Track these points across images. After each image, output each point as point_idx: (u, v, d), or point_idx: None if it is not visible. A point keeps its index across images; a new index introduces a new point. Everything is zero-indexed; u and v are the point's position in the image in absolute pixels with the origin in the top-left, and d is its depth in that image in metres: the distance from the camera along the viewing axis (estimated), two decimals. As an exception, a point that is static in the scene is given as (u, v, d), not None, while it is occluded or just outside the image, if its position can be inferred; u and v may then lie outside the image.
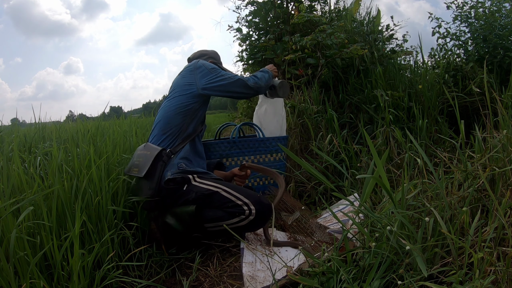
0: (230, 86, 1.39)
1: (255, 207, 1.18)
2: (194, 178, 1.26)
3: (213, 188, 1.22)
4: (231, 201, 1.19)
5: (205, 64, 1.41)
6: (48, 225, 0.90)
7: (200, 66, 1.41)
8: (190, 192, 1.22)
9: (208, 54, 1.63)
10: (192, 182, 1.25)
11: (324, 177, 0.94)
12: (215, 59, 1.61)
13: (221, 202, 1.20)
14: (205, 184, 1.24)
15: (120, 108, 3.77)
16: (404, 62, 2.53)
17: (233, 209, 1.18)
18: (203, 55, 1.62)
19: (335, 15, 2.63)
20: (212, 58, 1.60)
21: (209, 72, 1.39)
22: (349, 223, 1.15)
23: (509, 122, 1.17)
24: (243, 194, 1.21)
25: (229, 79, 1.39)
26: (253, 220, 1.18)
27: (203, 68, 1.40)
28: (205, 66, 1.41)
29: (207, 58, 1.57)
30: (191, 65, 1.43)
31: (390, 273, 0.78)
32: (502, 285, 0.70)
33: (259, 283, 1.00)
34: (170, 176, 1.23)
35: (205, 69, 1.40)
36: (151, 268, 1.15)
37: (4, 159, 1.07)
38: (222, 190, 1.22)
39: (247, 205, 1.19)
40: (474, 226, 0.80)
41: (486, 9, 2.47)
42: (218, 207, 1.20)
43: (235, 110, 3.28)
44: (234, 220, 1.17)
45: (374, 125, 1.86)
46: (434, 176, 0.94)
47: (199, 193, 1.22)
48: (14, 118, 2.11)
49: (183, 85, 1.40)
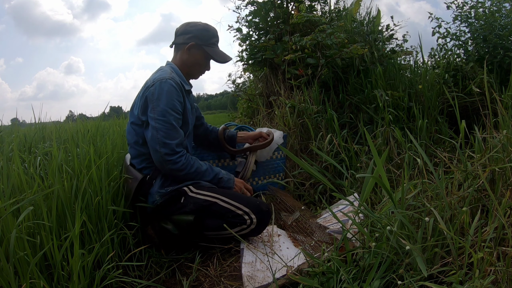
0: (152, 140, 1.17)
1: (256, 216, 1.17)
2: (190, 190, 1.23)
3: (210, 199, 1.20)
4: (231, 211, 1.18)
5: (158, 94, 1.17)
6: (48, 225, 0.90)
7: (150, 95, 1.18)
8: (188, 204, 1.21)
9: (192, 33, 1.31)
10: (189, 194, 1.23)
11: (324, 177, 0.94)
12: (202, 40, 1.32)
13: (221, 213, 1.18)
14: (202, 195, 1.21)
15: (120, 108, 3.76)
16: (404, 62, 2.53)
17: (234, 219, 1.17)
18: (187, 32, 1.32)
19: (335, 15, 2.63)
20: (196, 38, 1.31)
21: (152, 107, 1.17)
22: (349, 223, 1.15)
23: (509, 122, 1.17)
24: (242, 202, 1.19)
25: (160, 132, 1.15)
26: (254, 228, 1.18)
27: (150, 98, 1.18)
28: (154, 97, 1.17)
29: (189, 38, 1.31)
30: (148, 88, 1.21)
31: (390, 273, 0.78)
32: (502, 285, 0.70)
33: (257, 282, 1.00)
34: (160, 200, 1.22)
35: (152, 100, 1.18)
36: (151, 268, 1.15)
37: (4, 159, 1.07)
38: (220, 200, 1.20)
39: (248, 214, 1.17)
40: (474, 226, 0.80)
41: (486, 9, 2.47)
42: (218, 217, 1.18)
43: (235, 110, 3.27)
44: (235, 230, 1.15)
45: (374, 125, 1.86)
46: (434, 176, 0.94)
47: (197, 204, 1.20)
48: (14, 118, 2.11)
49: (138, 116, 1.23)
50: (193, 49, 1.32)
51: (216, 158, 1.68)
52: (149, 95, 1.19)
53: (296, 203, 1.51)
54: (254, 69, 2.77)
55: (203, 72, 1.41)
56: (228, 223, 1.11)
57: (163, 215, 1.22)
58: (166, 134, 1.16)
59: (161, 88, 1.18)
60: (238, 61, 2.51)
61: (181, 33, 1.34)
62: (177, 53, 1.36)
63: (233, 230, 1.14)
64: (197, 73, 1.39)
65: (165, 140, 1.16)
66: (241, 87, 3.04)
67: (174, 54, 1.38)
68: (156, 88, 1.19)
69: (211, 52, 1.34)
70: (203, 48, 1.32)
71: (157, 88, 1.19)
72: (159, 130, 1.16)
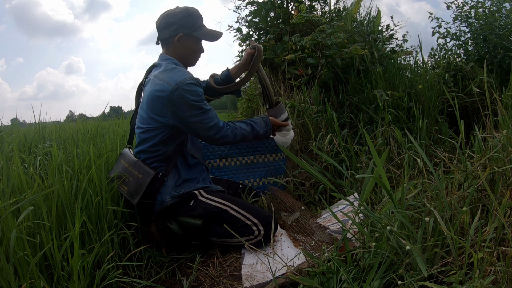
0: (199, 131, 1.22)
1: (264, 228, 1.18)
2: (200, 194, 1.24)
3: (221, 206, 1.21)
4: (241, 221, 1.19)
5: (184, 98, 1.17)
6: (48, 225, 0.90)
7: (178, 99, 1.16)
8: (197, 208, 1.21)
9: (176, 23, 1.25)
10: (199, 198, 1.23)
11: (324, 177, 0.94)
12: (188, 28, 1.26)
13: (230, 221, 1.18)
14: (212, 201, 1.22)
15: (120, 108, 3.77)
16: (404, 62, 2.53)
17: (242, 229, 1.18)
18: (170, 24, 1.25)
19: (335, 15, 2.63)
20: (182, 27, 1.25)
21: (187, 109, 1.17)
22: (349, 223, 1.15)
23: (509, 122, 1.17)
24: (252, 213, 1.20)
25: (204, 123, 1.20)
26: (260, 240, 1.19)
27: (180, 102, 1.17)
28: (183, 100, 1.16)
29: (175, 30, 1.25)
30: (165, 93, 1.17)
31: (390, 273, 0.78)
32: (502, 285, 0.70)
33: (256, 281, 1.00)
34: (170, 202, 1.21)
35: (182, 104, 1.17)
36: (151, 268, 1.15)
37: (4, 159, 1.07)
38: (231, 208, 1.20)
39: (257, 225, 1.18)
40: (474, 226, 0.80)
41: (486, 9, 2.47)
42: (227, 225, 1.19)
43: (235, 110, 3.27)
44: (242, 239, 1.15)
45: (374, 125, 1.86)
46: (434, 176, 0.94)
47: (206, 210, 1.20)
48: (14, 118, 2.11)
49: (153, 117, 1.21)
50: (182, 39, 1.26)
51: (217, 158, 1.68)
52: (177, 99, 1.16)
53: (296, 203, 1.51)
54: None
55: (199, 57, 1.37)
56: (235, 232, 1.09)
57: (169, 216, 1.22)
58: (208, 119, 1.21)
59: (187, 89, 1.17)
60: (238, 61, 2.51)
61: (164, 27, 1.27)
62: (167, 47, 1.30)
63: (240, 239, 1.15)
64: (194, 60, 1.36)
65: (210, 123, 1.21)
66: (241, 87, 3.04)
67: (165, 49, 1.31)
68: (182, 91, 1.16)
69: (201, 35, 1.29)
70: (192, 35, 1.27)
71: (183, 91, 1.16)
72: (202, 121, 1.20)
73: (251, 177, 1.69)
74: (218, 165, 1.68)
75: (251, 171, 1.70)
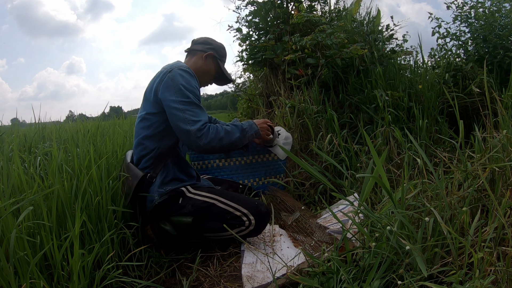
0: (179, 122, 1.15)
1: (254, 218, 1.18)
2: (188, 190, 1.24)
3: (209, 200, 1.21)
4: (230, 213, 1.18)
5: (175, 79, 1.18)
6: (48, 225, 0.90)
7: (168, 80, 1.18)
8: (186, 205, 1.21)
9: (212, 45, 1.42)
10: (187, 194, 1.23)
11: (324, 177, 0.94)
12: (219, 54, 1.42)
13: (219, 214, 1.18)
14: (200, 196, 1.22)
15: (120, 108, 3.76)
16: (404, 62, 2.53)
17: (233, 221, 1.17)
18: (207, 43, 1.41)
19: (335, 15, 2.62)
20: (215, 50, 1.41)
21: (174, 92, 1.17)
22: (349, 223, 1.15)
23: (509, 122, 1.17)
24: (240, 203, 1.19)
25: (187, 114, 1.15)
26: (253, 229, 1.19)
27: (169, 84, 1.18)
28: (173, 82, 1.17)
29: (209, 48, 1.40)
30: (159, 76, 1.22)
31: (390, 273, 0.78)
32: (502, 285, 0.70)
33: (257, 282, 1.00)
34: (158, 200, 1.21)
35: (171, 86, 1.17)
36: (151, 268, 1.15)
37: (4, 159, 1.07)
38: (219, 201, 1.20)
39: (246, 215, 1.18)
40: (474, 226, 0.80)
41: (486, 9, 2.47)
42: (216, 219, 1.19)
43: (235, 110, 3.27)
44: (234, 231, 1.15)
45: (374, 125, 1.86)
46: (434, 176, 0.94)
47: (195, 206, 1.20)
48: (14, 118, 2.11)
49: (147, 103, 1.24)
50: (209, 58, 1.40)
51: (217, 158, 1.68)
52: (167, 80, 1.19)
53: (296, 203, 1.51)
54: (254, 69, 2.76)
55: (208, 83, 1.46)
56: (226, 224, 1.11)
57: (161, 216, 1.22)
58: (193, 113, 1.16)
59: (181, 74, 1.20)
60: (238, 61, 2.51)
61: (201, 42, 1.42)
62: (191, 58, 1.41)
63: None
64: (204, 82, 1.44)
65: (194, 118, 1.16)
66: (241, 87, 3.04)
67: (188, 59, 1.42)
68: (176, 73, 1.20)
69: (223, 67, 1.44)
70: (218, 61, 1.41)
71: (177, 73, 1.20)
72: (186, 110, 1.16)
73: (251, 177, 1.70)
74: (218, 165, 1.68)
75: (251, 171, 1.70)
